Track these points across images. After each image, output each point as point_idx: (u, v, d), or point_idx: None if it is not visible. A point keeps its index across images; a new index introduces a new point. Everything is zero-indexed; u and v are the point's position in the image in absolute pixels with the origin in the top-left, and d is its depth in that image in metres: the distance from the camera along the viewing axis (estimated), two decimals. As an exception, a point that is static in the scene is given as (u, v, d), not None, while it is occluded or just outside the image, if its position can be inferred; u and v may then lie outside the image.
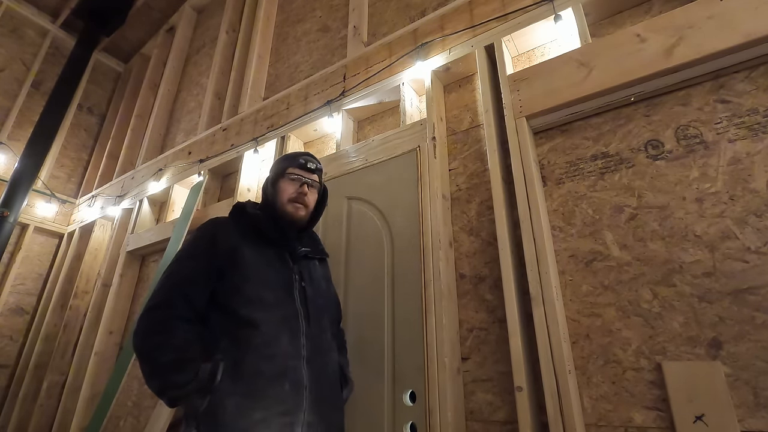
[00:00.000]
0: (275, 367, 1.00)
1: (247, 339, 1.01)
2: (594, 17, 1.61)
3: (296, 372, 1.03)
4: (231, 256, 1.10)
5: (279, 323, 1.06)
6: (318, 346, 1.13)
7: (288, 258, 1.19)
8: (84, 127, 4.56)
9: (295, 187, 1.26)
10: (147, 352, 0.97)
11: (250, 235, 1.17)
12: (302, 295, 1.14)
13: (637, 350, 1.16)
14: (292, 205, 1.24)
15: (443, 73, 1.89)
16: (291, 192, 1.25)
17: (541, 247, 1.30)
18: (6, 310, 3.56)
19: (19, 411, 3.12)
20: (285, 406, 0.98)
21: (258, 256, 1.14)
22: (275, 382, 0.98)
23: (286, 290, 1.13)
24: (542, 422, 1.21)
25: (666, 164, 1.27)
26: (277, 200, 1.25)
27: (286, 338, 1.05)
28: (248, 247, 1.14)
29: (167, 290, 1.05)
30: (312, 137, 2.44)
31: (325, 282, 1.32)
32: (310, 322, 1.12)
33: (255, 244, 1.16)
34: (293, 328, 1.08)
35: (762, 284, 1.05)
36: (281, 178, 1.27)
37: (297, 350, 1.06)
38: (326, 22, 2.77)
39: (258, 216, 1.21)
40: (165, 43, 4.38)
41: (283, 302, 1.10)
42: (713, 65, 1.24)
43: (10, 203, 3.32)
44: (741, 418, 0.99)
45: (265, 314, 1.05)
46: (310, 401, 1.02)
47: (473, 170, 1.68)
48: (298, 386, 1.01)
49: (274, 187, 1.28)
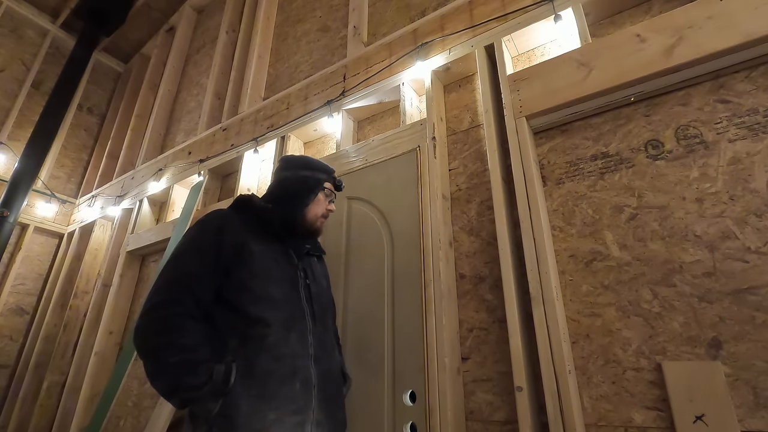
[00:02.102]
0: (286, 367, 0.99)
1: (258, 338, 0.99)
2: (594, 17, 1.61)
3: (305, 371, 1.03)
4: (238, 251, 1.06)
5: (287, 322, 1.05)
6: (323, 345, 1.12)
7: (293, 254, 1.18)
8: (84, 127, 4.56)
9: (326, 204, 1.27)
10: (153, 352, 0.93)
11: (256, 229, 1.14)
12: (307, 293, 1.14)
13: (637, 350, 1.16)
14: (321, 221, 1.26)
15: (443, 73, 1.89)
16: (324, 210, 1.26)
17: (541, 247, 1.30)
18: (6, 310, 3.56)
19: (19, 411, 3.12)
20: (296, 405, 0.98)
21: (265, 251, 1.11)
22: (286, 382, 0.98)
23: (292, 288, 1.11)
24: (542, 422, 1.21)
25: (666, 164, 1.27)
26: (307, 211, 1.22)
27: (294, 337, 1.04)
28: (255, 242, 1.10)
29: (171, 286, 0.99)
30: (312, 137, 2.44)
31: (325, 280, 1.31)
32: (316, 320, 1.12)
33: (261, 238, 1.13)
34: (301, 326, 1.07)
35: (762, 284, 1.05)
36: (320, 191, 1.26)
37: (305, 349, 1.05)
38: (326, 22, 2.76)
39: (268, 210, 1.18)
40: (165, 43, 4.38)
41: (290, 300, 1.09)
42: (713, 65, 1.24)
43: (10, 203, 3.32)
44: (741, 418, 0.99)
45: (274, 313, 1.03)
46: (319, 400, 1.03)
47: (473, 170, 1.68)
48: (307, 385, 1.01)
49: (308, 195, 1.24)
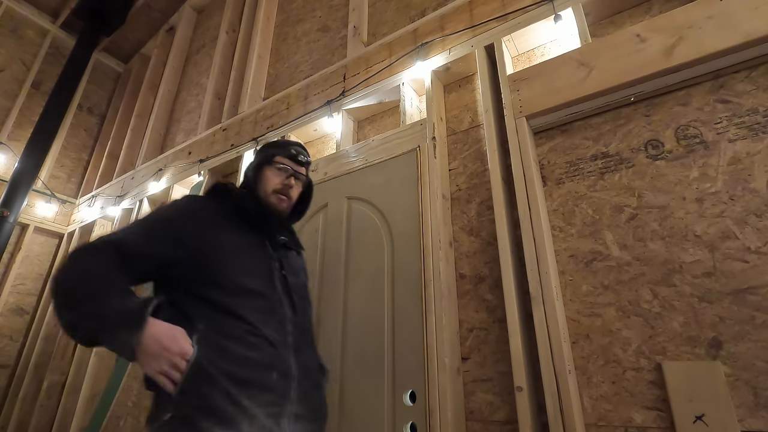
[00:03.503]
0: (262, 356, 0.93)
1: (230, 327, 0.93)
2: (594, 17, 1.61)
3: (284, 362, 0.96)
4: (212, 240, 1.01)
5: (264, 311, 0.99)
6: (304, 335, 1.07)
7: (268, 245, 1.12)
8: (84, 127, 4.56)
9: (281, 177, 1.17)
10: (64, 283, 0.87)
11: (231, 218, 1.09)
12: (284, 284, 1.08)
13: (637, 350, 1.16)
14: (276, 197, 1.16)
15: (443, 73, 1.89)
16: (276, 183, 1.16)
17: (541, 247, 1.30)
18: (6, 310, 3.56)
19: (19, 411, 3.12)
20: (272, 395, 0.91)
21: (239, 241, 1.06)
22: (263, 371, 0.91)
23: (267, 278, 1.06)
24: (542, 422, 1.21)
25: (666, 164, 1.27)
26: (259, 188, 1.17)
27: (272, 326, 0.98)
28: (229, 231, 1.06)
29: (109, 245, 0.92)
30: (312, 137, 2.44)
31: (303, 274, 1.24)
32: (296, 310, 1.07)
33: (236, 227, 1.08)
34: (279, 316, 1.02)
35: (762, 284, 1.05)
36: (267, 166, 1.18)
37: (284, 338, 0.99)
38: (326, 22, 2.76)
39: (245, 197, 1.14)
40: (165, 43, 4.38)
41: (266, 291, 1.03)
42: (713, 65, 1.24)
43: (10, 203, 3.32)
44: (741, 418, 0.99)
45: (249, 302, 0.97)
46: (298, 392, 0.96)
47: (473, 170, 1.68)
48: (286, 376, 0.95)
49: (257, 173, 1.19)
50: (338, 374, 1.58)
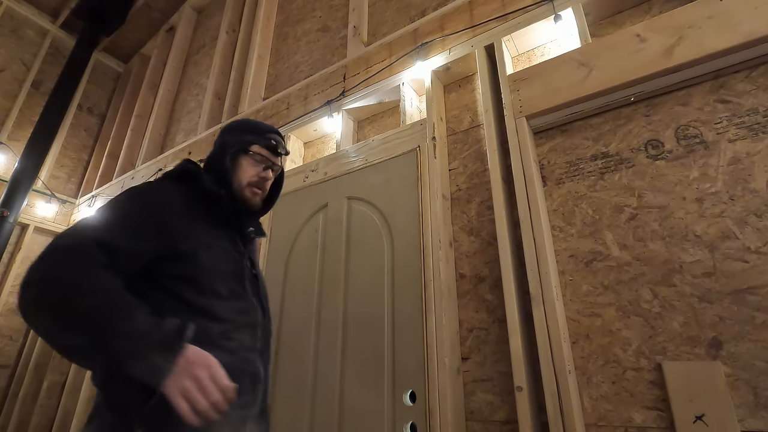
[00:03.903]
0: (239, 361, 0.90)
1: (205, 330, 0.87)
2: (594, 17, 1.61)
3: (254, 365, 0.95)
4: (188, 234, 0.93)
5: (237, 314, 0.95)
6: (266, 337, 1.04)
7: (239, 241, 1.06)
8: (84, 127, 4.56)
9: (257, 170, 1.08)
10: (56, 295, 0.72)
11: (204, 209, 1.00)
12: (254, 285, 1.04)
13: (637, 350, 1.16)
14: (251, 190, 1.08)
15: (443, 73, 1.89)
16: (252, 175, 1.07)
17: (541, 247, 1.30)
18: (6, 310, 3.56)
19: (19, 411, 3.12)
20: (242, 399, 0.88)
21: (214, 237, 0.99)
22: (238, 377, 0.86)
23: (240, 279, 1.00)
24: (542, 422, 1.21)
25: (666, 164, 1.27)
26: (233, 178, 1.07)
27: (245, 331, 0.95)
28: (204, 226, 0.98)
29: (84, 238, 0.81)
30: (312, 137, 2.44)
31: (257, 263, 1.16)
32: (265, 312, 1.05)
33: (209, 221, 1.00)
34: (252, 320, 0.98)
35: (762, 284, 1.05)
36: (243, 155, 1.09)
37: (254, 343, 0.97)
38: (326, 22, 2.76)
39: (218, 194, 1.03)
40: (165, 43, 4.38)
41: (240, 293, 0.99)
42: (713, 65, 1.24)
43: (10, 203, 3.32)
44: (741, 418, 0.99)
45: (224, 306, 0.92)
46: (262, 393, 0.96)
47: (473, 170, 1.68)
48: (254, 380, 0.94)
49: (232, 161, 1.08)
50: (338, 374, 1.59)
